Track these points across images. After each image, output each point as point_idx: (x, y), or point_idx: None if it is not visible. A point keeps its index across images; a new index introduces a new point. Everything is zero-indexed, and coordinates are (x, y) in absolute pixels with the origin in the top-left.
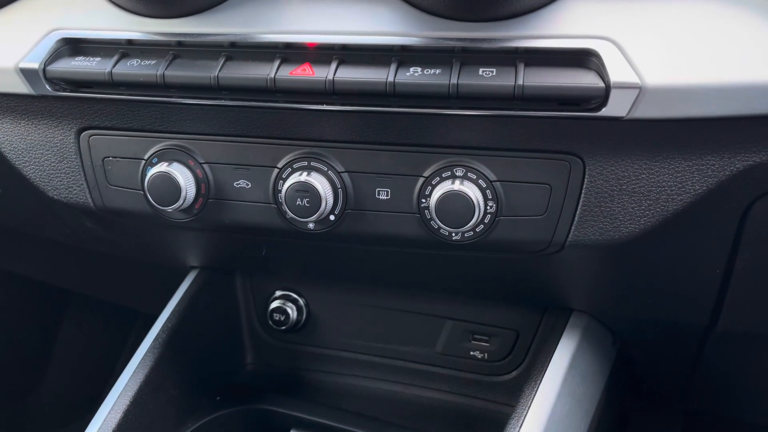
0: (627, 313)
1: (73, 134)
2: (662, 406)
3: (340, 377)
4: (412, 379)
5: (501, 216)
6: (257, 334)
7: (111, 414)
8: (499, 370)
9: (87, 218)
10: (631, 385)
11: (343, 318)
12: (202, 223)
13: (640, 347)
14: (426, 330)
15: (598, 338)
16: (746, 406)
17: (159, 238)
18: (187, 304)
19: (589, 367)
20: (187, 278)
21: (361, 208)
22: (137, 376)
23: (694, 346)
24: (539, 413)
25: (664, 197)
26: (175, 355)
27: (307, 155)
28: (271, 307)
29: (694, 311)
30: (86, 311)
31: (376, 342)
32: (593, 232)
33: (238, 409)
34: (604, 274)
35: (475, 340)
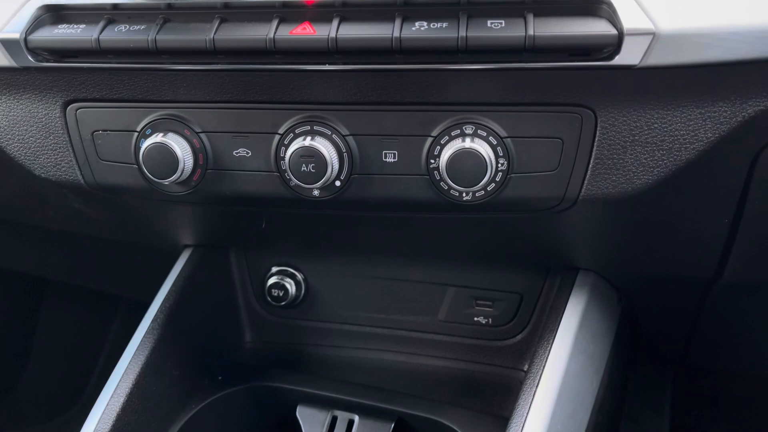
0: (634, 269)
1: (59, 108)
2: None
3: (342, 350)
4: (415, 349)
5: (512, 173)
6: (255, 311)
7: (114, 397)
8: (504, 334)
9: (76, 197)
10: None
11: (343, 291)
12: (201, 196)
13: (643, 304)
14: (428, 298)
15: (605, 296)
16: (746, 357)
17: (152, 215)
18: (184, 284)
19: (597, 324)
20: (182, 257)
21: (367, 172)
22: (138, 358)
23: (696, 300)
24: (554, 371)
25: (677, 146)
26: (174, 336)
27: (309, 119)
28: (269, 283)
29: (701, 263)
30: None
31: (377, 313)
32: (606, 186)
33: (242, 387)
34: (613, 230)
35: (479, 305)
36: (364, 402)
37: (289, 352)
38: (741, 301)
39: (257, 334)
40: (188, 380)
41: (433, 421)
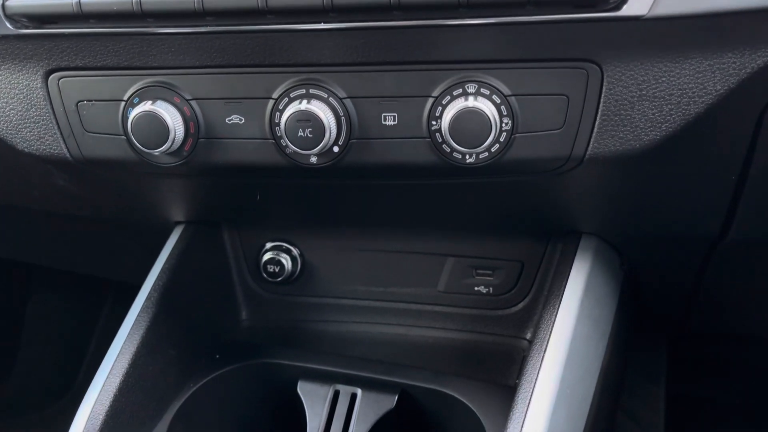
0: (638, 231)
1: (41, 78)
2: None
3: (341, 325)
4: (415, 321)
5: (517, 133)
6: (251, 288)
7: (110, 378)
8: (505, 303)
9: (61, 173)
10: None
11: (340, 265)
12: (193, 167)
13: (646, 267)
14: (427, 269)
15: (608, 260)
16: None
17: (142, 190)
18: (177, 261)
19: (602, 289)
20: (173, 234)
21: (366, 136)
22: (133, 338)
23: (700, 261)
24: (561, 336)
25: (685, 100)
26: (169, 314)
27: (304, 82)
28: (264, 259)
29: (706, 222)
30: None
31: (376, 286)
32: (613, 143)
33: (240, 365)
34: (619, 191)
35: (479, 275)
36: (366, 375)
37: (287, 329)
38: (744, 260)
39: (253, 311)
40: (185, 359)
41: (437, 392)
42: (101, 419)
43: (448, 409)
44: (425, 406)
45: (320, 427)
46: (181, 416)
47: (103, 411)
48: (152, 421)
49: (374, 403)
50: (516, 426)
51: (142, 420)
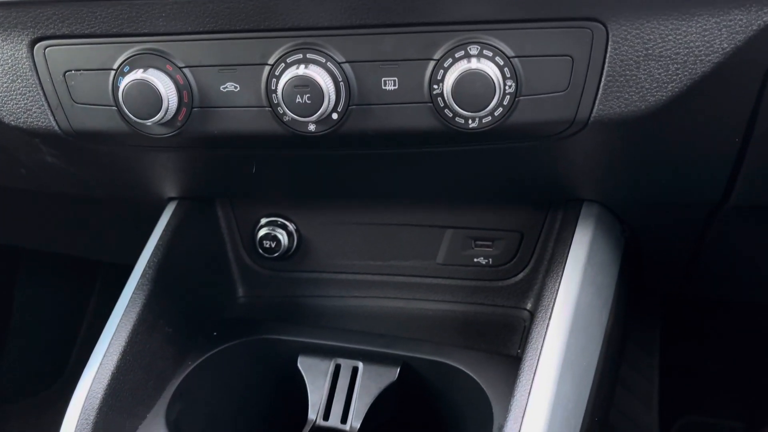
0: (640, 197)
1: (26, 47)
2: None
3: (339, 300)
4: (414, 294)
5: (521, 96)
6: (246, 265)
7: (107, 356)
8: (505, 274)
9: (49, 148)
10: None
11: (337, 239)
12: (187, 138)
13: (646, 233)
14: (425, 242)
15: (609, 227)
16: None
17: (133, 164)
18: (171, 238)
19: (604, 256)
20: (167, 210)
21: (366, 102)
22: (130, 315)
23: (700, 227)
24: (565, 304)
25: (691, 59)
26: (165, 292)
27: (301, 47)
28: (260, 234)
29: (709, 187)
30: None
31: (374, 260)
32: (618, 105)
33: (239, 341)
34: (622, 156)
35: (478, 246)
36: (367, 348)
37: (285, 305)
38: (745, 226)
39: (250, 288)
40: (182, 337)
41: (440, 363)
42: (100, 397)
43: (451, 381)
44: (427, 379)
45: (322, 401)
46: (181, 394)
47: (101, 389)
48: (151, 399)
49: (376, 377)
50: (522, 395)
51: (141, 398)
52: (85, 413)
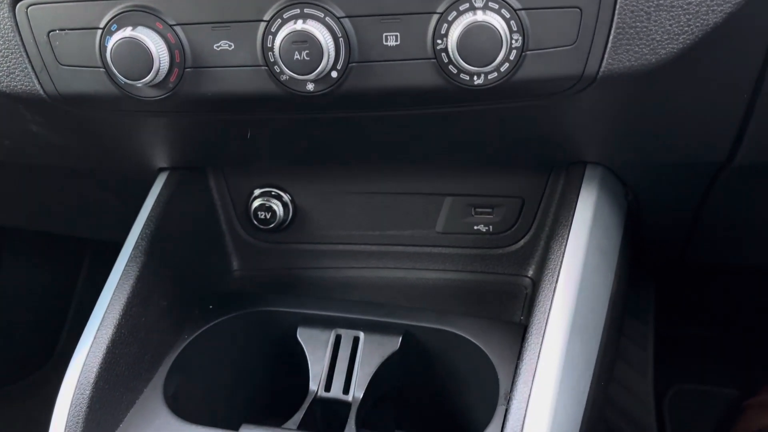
0: (645, 157)
1: (7, 6)
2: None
3: (338, 271)
4: (413, 263)
5: (528, 50)
6: (241, 238)
7: (102, 329)
8: (506, 241)
9: (34, 115)
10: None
11: (335, 209)
12: (179, 101)
13: (649, 196)
14: (424, 210)
15: (612, 190)
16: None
17: (123, 131)
18: (163, 209)
19: (608, 219)
20: (158, 180)
21: (367, 59)
22: (123, 287)
23: (703, 189)
24: (572, 266)
25: (704, 9)
26: (158, 264)
27: (298, 1)
28: (254, 206)
29: (715, 146)
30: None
31: (372, 230)
32: (628, 58)
33: (235, 314)
34: (629, 115)
35: (478, 213)
36: (367, 318)
37: (281, 278)
38: (747, 187)
39: (245, 261)
40: (178, 311)
41: (442, 331)
42: (95, 371)
43: (454, 349)
44: (430, 347)
45: (323, 372)
46: (178, 368)
47: (96, 363)
48: (148, 373)
49: (378, 346)
50: (531, 359)
51: (137, 372)
52: (80, 388)
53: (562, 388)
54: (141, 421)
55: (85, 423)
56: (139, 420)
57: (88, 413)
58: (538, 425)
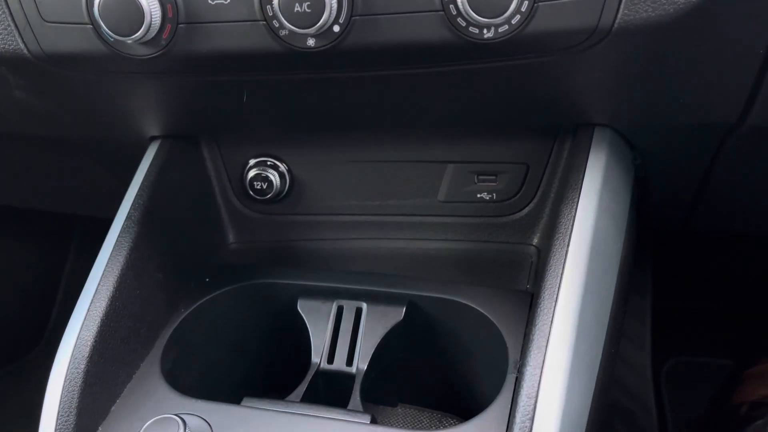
0: (656, 118)
1: None
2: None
3: (337, 243)
4: (415, 233)
5: (540, 1)
6: (236, 209)
7: (95, 302)
8: (510, 209)
9: (17, 78)
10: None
11: (333, 179)
12: (172, 60)
13: (657, 160)
14: (425, 179)
15: (621, 153)
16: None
17: (112, 95)
18: (156, 178)
19: (618, 183)
20: (150, 150)
21: (370, 11)
22: (117, 259)
23: (712, 153)
24: (583, 230)
25: None
26: (152, 235)
27: None
28: (250, 176)
29: (727, 106)
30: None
31: (372, 200)
32: (645, 8)
33: (233, 287)
34: (641, 72)
35: (481, 180)
36: (370, 289)
37: (279, 250)
38: (758, 150)
39: (241, 233)
40: (173, 283)
41: (447, 300)
42: (90, 345)
43: (460, 318)
44: (435, 317)
45: (325, 344)
46: (175, 342)
47: (91, 337)
48: (145, 347)
49: (381, 317)
50: (544, 325)
51: (133, 346)
52: (75, 362)
53: (577, 355)
54: (139, 396)
55: (80, 398)
56: (137, 395)
57: (84, 388)
58: (553, 392)
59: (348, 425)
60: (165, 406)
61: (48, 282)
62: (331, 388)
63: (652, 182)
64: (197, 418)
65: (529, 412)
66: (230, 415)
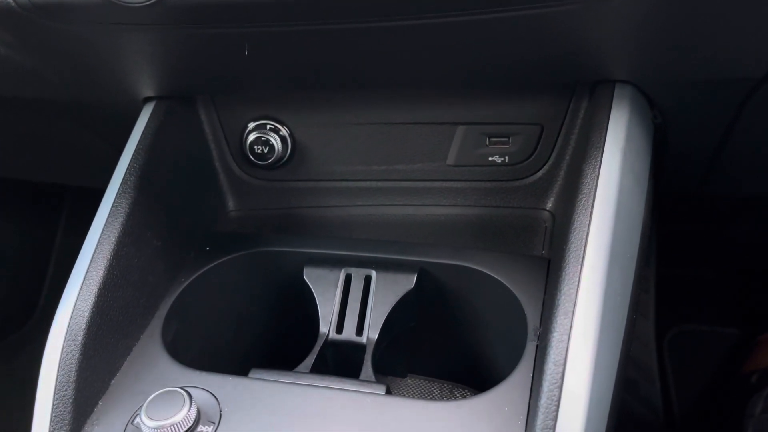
0: (679, 73)
1: None
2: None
3: (342, 210)
4: (423, 199)
5: None
6: (236, 175)
7: (92, 271)
8: (523, 172)
9: (3, 32)
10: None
11: (337, 143)
12: (166, 10)
13: (677, 119)
14: (434, 142)
15: (642, 111)
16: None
17: (102, 50)
18: (151, 141)
19: (640, 142)
20: (144, 111)
21: None
22: (113, 225)
23: (733, 112)
24: (608, 189)
25: None
26: (149, 200)
27: None
28: (250, 139)
29: (754, 59)
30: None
31: (378, 164)
32: None
33: (235, 256)
34: (669, 19)
35: (493, 143)
36: (379, 256)
37: (280, 217)
38: None
39: (241, 200)
40: (173, 252)
41: (460, 267)
42: (87, 315)
43: (474, 285)
44: (447, 285)
45: (333, 314)
46: (176, 312)
47: (88, 307)
48: (144, 318)
49: (392, 285)
50: (570, 289)
51: (132, 317)
52: (71, 333)
53: (604, 321)
54: (140, 368)
55: (78, 371)
56: (138, 367)
57: (82, 360)
58: (582, 359)
59: (362, 396)
60: (168, 379)
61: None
62: (340, 359)
63: (670, 143)
64: (203, 391)
65: (557, 380)
66: (238, 387)
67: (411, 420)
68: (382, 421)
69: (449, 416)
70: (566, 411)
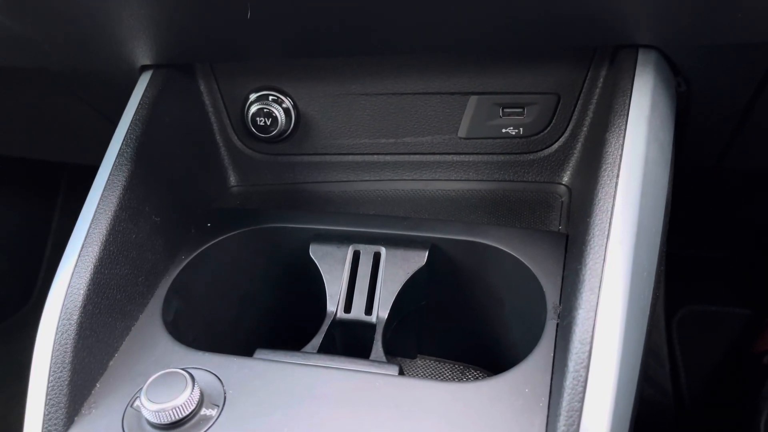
0: (705, 37)
1: None
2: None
3: (348, 185)
4: (433, 174)
5: None
6: (237, 149)
7: (87, 247)
8: (538, 145)
9: None
10: None
11: (343, 115)
12: None
13: (702, 86)
14: (445, 113)
15: (666, 78)
16: None
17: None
18: (149, 111)
19: (664, 110)
20: (141, 80)
21: None
22: (109, 199)
23: (759, 80)
24: (634, 158)
25: None
26: (147, 174)
27: None
28: (251, 111)
29: None
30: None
31: (386, 137)
32: None
33: (238, 232)
34: None
35: (506, 114)
36: (388, 232)
37: (284, 193)
38: None
39: (243, 175)
40: (172, 228)
41: (474, 243)
42: (83, 294)
43: (488, 262)
44: (461, 262)
45: (341, 293)
46: (176, 291)
47: (83, 285)
48: (143, 297)
49: (402, 262)
50: (596, 263)
51: (131, 295)
52: (66, 312)
53: (632, 297)
54: (140, 349)
55: (74, 351)
56: (137, 348)
57: (78, 340)
58: (611, 336)
59: (374, 377)
60: (169, 359)
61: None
62: (348, 339)
63: (692, 113)
64: (206, 372)
65: (583, 359)
66: (242, 368)
67: (428, 401)
68: (397, 403)
69: (467, 398)
70: (593, 392)
